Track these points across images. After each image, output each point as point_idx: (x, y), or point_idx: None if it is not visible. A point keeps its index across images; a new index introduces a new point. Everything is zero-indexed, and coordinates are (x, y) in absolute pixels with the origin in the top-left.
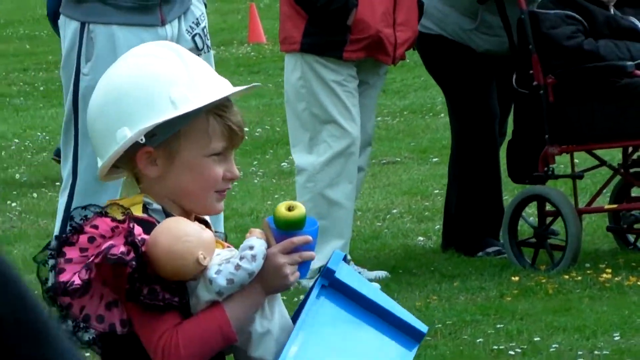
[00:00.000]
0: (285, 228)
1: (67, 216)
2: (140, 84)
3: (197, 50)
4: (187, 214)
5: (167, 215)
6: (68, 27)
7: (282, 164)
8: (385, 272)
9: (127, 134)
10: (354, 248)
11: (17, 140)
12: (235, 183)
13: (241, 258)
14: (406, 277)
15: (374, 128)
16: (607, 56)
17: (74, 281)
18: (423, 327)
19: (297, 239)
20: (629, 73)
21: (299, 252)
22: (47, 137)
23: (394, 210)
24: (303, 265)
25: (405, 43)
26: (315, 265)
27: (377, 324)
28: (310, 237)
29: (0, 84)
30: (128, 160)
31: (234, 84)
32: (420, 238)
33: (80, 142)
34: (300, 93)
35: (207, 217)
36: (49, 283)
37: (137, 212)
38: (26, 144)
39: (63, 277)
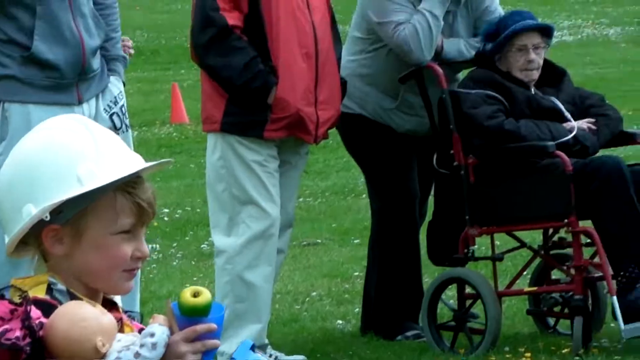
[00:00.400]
0: (190, 314)
1: None
2: (46, 159)
3: (115, 129)
4: (94, 293)
5: (72, 296)
6: None
7: (202, 245)
8: (303, 357)
9: (32, 211)
10: (272, 331)
11: None
12: (154, 265)
13: (141, 345)
14: None
15: (295, 209)
16: (528, 136)
17: None
18: None
19: (201, 327)
20: (549, 153)
21: (202, 340)
22: None
23: (314, 293)
24: (207, 354)
25: (328, 122)
26: (231, 349)
27: None
28: (214, 325)
29: None
30: (35, 237)
31: None
32: (339, 321)
33: None
34: (220, 174)
35: (117, 298)
36: None
37: (41, 292)
38: None
39: None
